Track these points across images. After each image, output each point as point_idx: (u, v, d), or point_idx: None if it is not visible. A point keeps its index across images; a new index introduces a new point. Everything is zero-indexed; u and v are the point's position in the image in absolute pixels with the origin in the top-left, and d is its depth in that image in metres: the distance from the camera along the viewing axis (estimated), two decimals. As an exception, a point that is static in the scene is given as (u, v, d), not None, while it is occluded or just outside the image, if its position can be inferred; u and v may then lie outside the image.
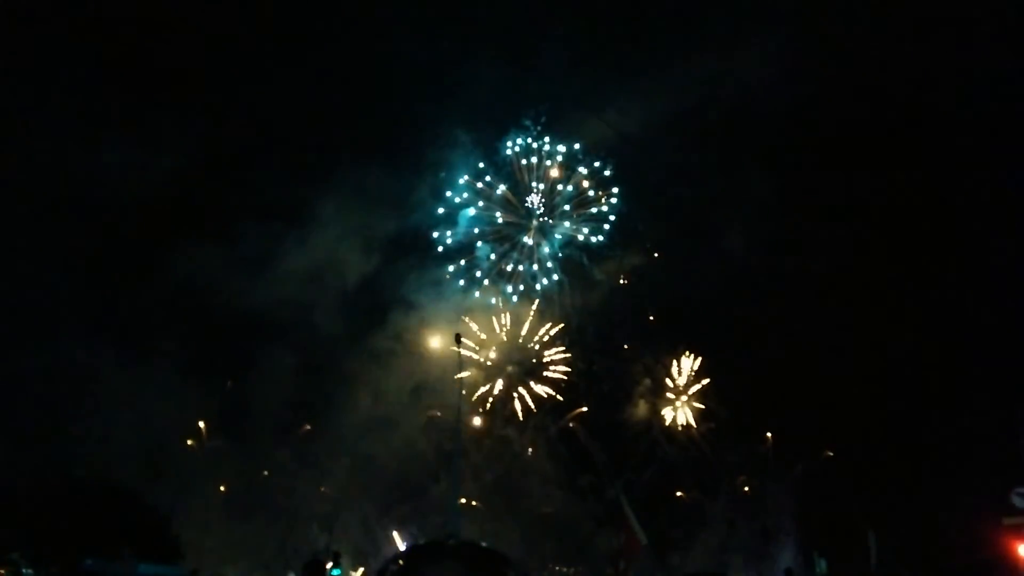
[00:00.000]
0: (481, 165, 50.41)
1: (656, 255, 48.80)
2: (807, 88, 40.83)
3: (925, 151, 39.80)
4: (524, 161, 50.56)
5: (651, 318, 49.41)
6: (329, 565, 30.07)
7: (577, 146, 50.13)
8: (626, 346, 50.01)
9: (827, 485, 42.64)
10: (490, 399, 49.24)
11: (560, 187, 50.84)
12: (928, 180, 39.17)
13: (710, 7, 44.43)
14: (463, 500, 43.06)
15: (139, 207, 41.84)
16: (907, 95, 39.33)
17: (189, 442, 42.14)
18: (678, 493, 48.68)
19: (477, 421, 48.66)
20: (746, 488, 47.70)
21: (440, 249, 50.04)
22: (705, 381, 49.39)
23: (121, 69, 41.68)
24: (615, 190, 50.00)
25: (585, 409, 49.62)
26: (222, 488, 43.37)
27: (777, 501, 46.59)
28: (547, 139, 50.29)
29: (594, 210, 50.84)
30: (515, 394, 49.48)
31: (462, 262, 49.97)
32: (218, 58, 44.75)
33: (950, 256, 39.18)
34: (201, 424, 42.89)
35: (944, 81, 37.37)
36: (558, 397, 49.28)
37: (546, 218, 51.41)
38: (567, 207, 50.94)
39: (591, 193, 50.79)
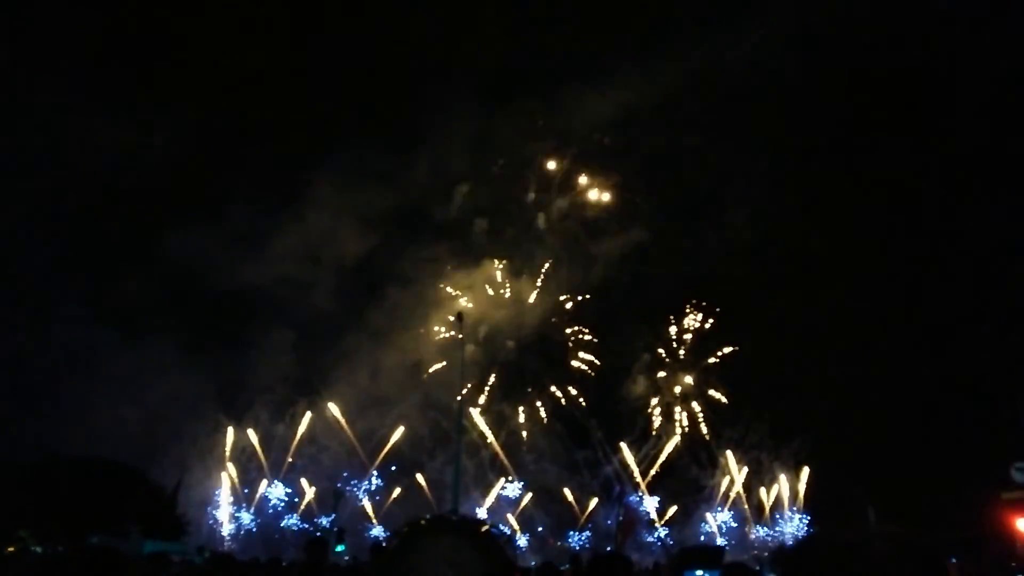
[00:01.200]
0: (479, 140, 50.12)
1: (659, 231, 48.42)
2: (813, 64, 40.70)
3: (931, 128, 39.79)
4: None
5: (651, 295, 49.24)
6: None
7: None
8: (625, 324, 49.98)
9: (826, 461, 42.97)
10: (491, 379, 49.18)
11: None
12: (934, 159, 39.28)
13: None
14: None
15: (137, 186, 41.60)
16: (914, 71, 39.26)
17: (189, 420, 42.07)
18: (676, 468, 48.86)
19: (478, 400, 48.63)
20: (744, 463, 47.89)
21: (436, 224, 49.95)
22: (711, 360, 49.58)
23: (116, 51, 41.23)
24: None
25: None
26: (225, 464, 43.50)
27: (774, 477, 46.96)
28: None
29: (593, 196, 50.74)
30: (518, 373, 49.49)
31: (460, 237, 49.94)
32: (213, 38, 44.27)
33: (952, 233, 39.36)
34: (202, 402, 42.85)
35: (950, 57, 37.38)
36: (570, 390, 49.24)
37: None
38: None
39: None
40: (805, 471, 46.30)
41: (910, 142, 40.62)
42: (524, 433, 49.20)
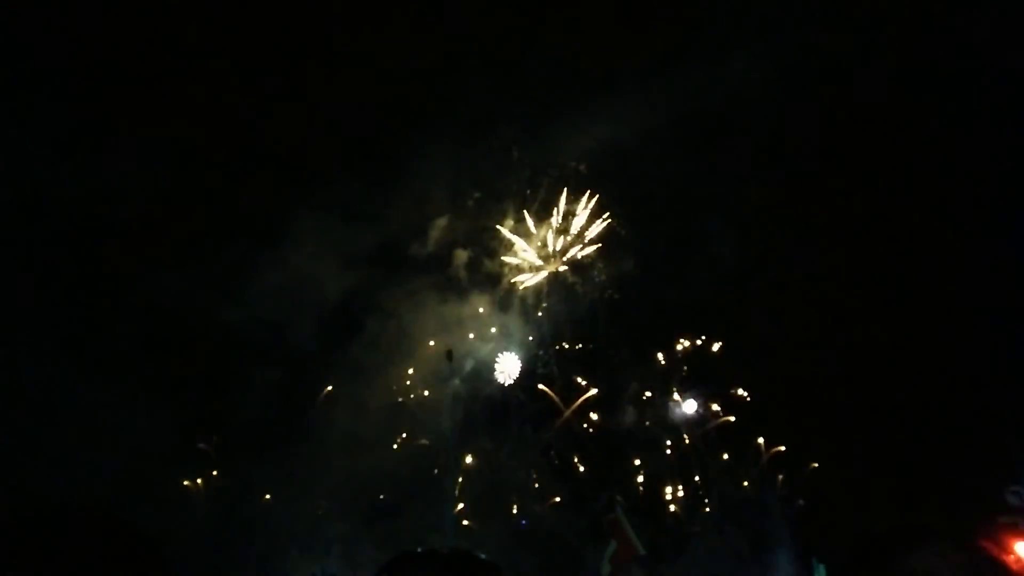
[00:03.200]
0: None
1: (643, 263, 48.32)
2: (798, 96, 41.17)
3: (919, 156, 40.37)
4: None
5: (637, 325, 49.11)
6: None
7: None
8: (612, 357, 49.70)
9: (820, 489, 42.96)
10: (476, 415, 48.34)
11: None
12: (923, 186, 39.75)
13: (699, 14, 44.46)
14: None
15: (110, 225, 40.71)
16: (901, 102, 39.87)
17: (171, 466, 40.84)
18: (668, 498, 48.42)
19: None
20: (736, 493, 47.66)
21: (417, 260, 49.35)
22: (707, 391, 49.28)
23: (91, 84, 40.38)
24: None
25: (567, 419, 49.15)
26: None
27: (768, 506, 46.69)
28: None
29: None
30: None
31: (441, 271, 49.33)
32: (189, 72, 43.70)
33: (942, 260, 39.71)
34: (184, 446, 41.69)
35: (941, 89, 37.95)
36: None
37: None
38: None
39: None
40: (797, 500, 46.33)
41: (902, 168, 41.24)
42: (510, 470, 48.55)
